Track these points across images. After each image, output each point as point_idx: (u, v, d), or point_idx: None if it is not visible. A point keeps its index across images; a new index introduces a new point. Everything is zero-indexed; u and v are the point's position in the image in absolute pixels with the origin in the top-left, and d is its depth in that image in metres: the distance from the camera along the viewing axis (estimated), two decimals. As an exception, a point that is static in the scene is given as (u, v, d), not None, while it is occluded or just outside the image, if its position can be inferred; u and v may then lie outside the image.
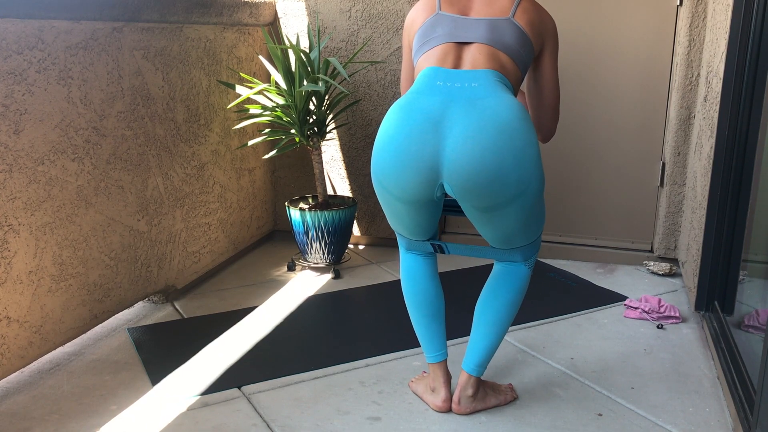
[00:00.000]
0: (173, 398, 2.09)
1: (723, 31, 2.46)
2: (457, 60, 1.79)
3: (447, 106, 1.68)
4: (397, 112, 1.74)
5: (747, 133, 2.32)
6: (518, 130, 1.65)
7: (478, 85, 1.71)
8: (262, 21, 3.35)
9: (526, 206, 1.73)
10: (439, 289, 2.04)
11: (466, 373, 1.98)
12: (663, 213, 3.20)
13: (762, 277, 2.17)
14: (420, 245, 1.98)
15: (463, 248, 1.98)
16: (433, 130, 1.67)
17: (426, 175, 1.69)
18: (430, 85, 1.73)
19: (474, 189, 1.66)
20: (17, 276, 2.07)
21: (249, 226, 3.43)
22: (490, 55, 1.77)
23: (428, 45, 1.83)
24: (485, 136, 1.63)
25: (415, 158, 1.68)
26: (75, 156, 2.27)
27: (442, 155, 1.66)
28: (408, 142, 1.68)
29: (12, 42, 2.00)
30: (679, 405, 2.07)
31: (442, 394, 2.01)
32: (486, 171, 1.64)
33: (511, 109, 1.67)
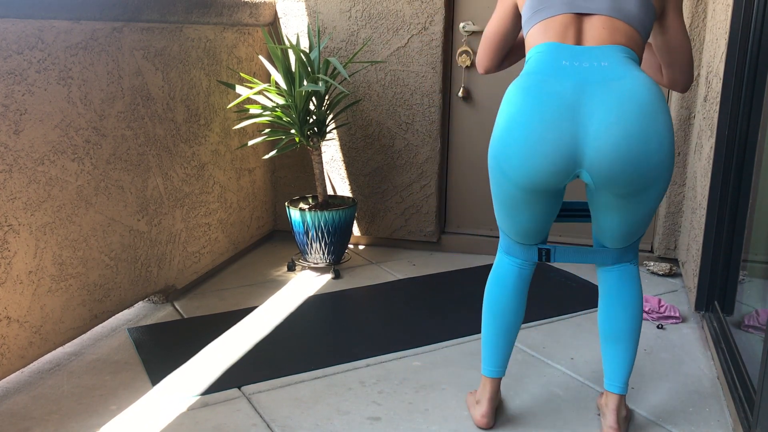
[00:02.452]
0: (173, 398, 2.09)
1: (723, 31, 2.46)
2: (579, 34, 1.66)
3: (582, 90, 1.57)
4: (523, 95, 1.61)
5: (747, 133, 2.32)
6: (659, 112, 1.57)
7: (608, 64, 1.59)
8: (262, 21, 3.35)
9: (662, 189, 1.65)
10: (523, 306, 1.91)
11: (616, 395, 1.86)
12: (663, 213, 3.20)
13: (762, 277, 2.17)
14: (527, 251, 1.84)
15: (573, 253, 1.85)
16: (570, 117, 1.56)
17: (562, 164, 1.59)
18: (555, 66, 1.61)
19: (618, 176, 1.58)
20: (17, 276, 2.07)
21: (249, 226, 3.43)
22: (614, 29, 1.64)
23: (543, 14, 1.69)
24: (629, 120, 1.54)
25: (552, 146, 1.57)
26: (75, 156, 2.27)
27: (583, 144, 1.56)
28: (543, 129, 1.57)
29: (12, 42, 2.00)
30: (679, 405, 2.07)
31: (484, 409, 1.92)
32: (632, 157, 1.55)
33: (649, 90, 1.57)
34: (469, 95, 3.40)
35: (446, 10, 3.25)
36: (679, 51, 1.81)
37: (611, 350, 1.87)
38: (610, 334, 1.86)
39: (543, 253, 1.84)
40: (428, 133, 3.37)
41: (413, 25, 3.27)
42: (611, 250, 1.82)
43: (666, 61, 1.84)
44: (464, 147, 3.46)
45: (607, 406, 1.89)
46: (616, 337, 1.85)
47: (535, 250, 1.84)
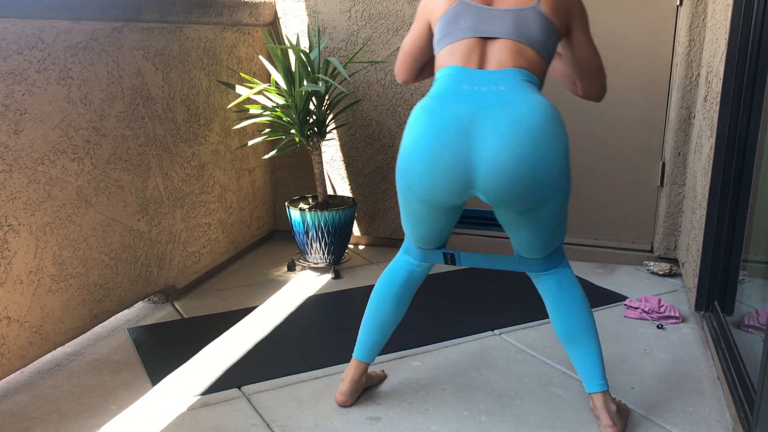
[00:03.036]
0: (173, 398, 2.09)
1: (723, 31, 2.46)
2: (482, 58, 1.75)
3: (477, 115, 1.65)
4: (425, 117, 1.70)
5: (747, 133, 2.32)
6: (551, 134, 1.64)
7: (505, 88, 1.68)
8: (262, 21, 3.35)
9: (559, 205, 1.73)
10: (405, 306, 2.04)
11: (598, 394, 1.89)
12: (663, 213, 3.20)
13: (762, 277, 2.17)
14: (429, 254, 1.95)
15: (483, 259, 1.94)
16: (464, 141, 1.64)
17: (457, 185, 1.68)
18: (456, 89, 1.70)
19: (509, 197, 1.66)
20: (17, 276, 2.07)
21: (249, 226, 3.43)
22: (515, 52, 1.73)
23: (451, 38, 1.78)
24: (519, 145, 1.62)
25: (447, 168, 1.66)
26: (75, 156, 2.27)
27: (476, 166, 1.64)
28: (440, 151, 1.66)
29: (12, 42, 2.00)
30: (679, 405, 2.07)
31: (345, 387, 2.03)
32: (522, 178, 1.63)
33: (542, 113, 1.65)
34: (469, 95, 3.39)
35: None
36: (588, 64, 1.90)
37: (575, 352, 1.92)
38: (566, 338, 1.92)
39: (448, 257, 1.95)
40: (428, 133, 3.36)
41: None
42: (530, 260, 1.89)
43: (577, 74, 1.93)
44: (464, 147, 3.46)
45: (595, 407, 1.92)
46: (573, 340, 1.91)
47: (439, 254, 1.95)
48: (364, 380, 2.08)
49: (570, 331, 1.90)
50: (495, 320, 2.65)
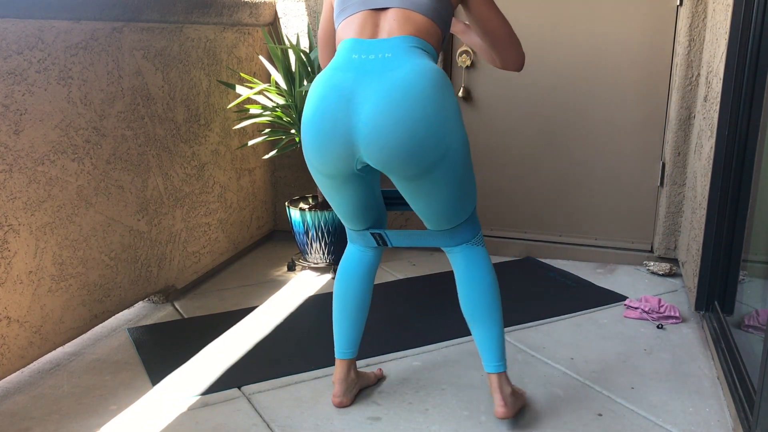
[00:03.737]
0: (173, 398, 2.09)
1: (723, 31, 2.46)
2: (374, 28, 1.76)
3: (359, 81, 1.67)
4: (314, 88, 1.74)
5: (747, 133, 2.32)
6: (430, 97, 1.65)
7: (391, 55, 1.69)
8: (262, 21, 3.35)
9: (452, 169, 1.72)
10: (368, 292, 2.04)
11: (493, 374, 1.92)
12: (663, 213, 3.20)
13: (762, 277, 2.17)
14: (361, 237, 1.97)
15: (406, 237, 1.94)
16: (345, 107, 1.67)
17: (342, 152, 1.70)
18: (346, 60, 1.72)
19: (391, 160, 1.67)
20: (17, 276, 2.07)
21: (249, 226, 3.43)
22: (405, 20, 1.74)
23: (346, 12, 1.81)
24: (395, 108, 1.63)
25: (330, 135, 1.69)
26: (75, 156, 2.27)
27: (355, 131, 1.67)
28: (322, 120, 1.70)
29: (12, 42, 2.00)
30: (679, 405, 2.07)
31: (335, 389, 2.04)
32: (399, 142, 1.64)
33: (422, 76, 1.65)
34: (469, 95, 3.40)
35: (446, 10, 3.25)
36: (496, 34, 1.88)
37: (476, 332, 1.94)
38: (469, 316, 1.93)
39: (377, 238, 1.96)
40: (428, 133, 3.36)
41: (413, 25, 3.26)
42: (438, 233, 1.89)
43: (488, 44, 1.92)
44: (464, 147, 3.46)
45: (491, 388, 1.93)
46: (474, 318, 1.92)
47: (368, 235, 1.95)
48: (354, 376, 2.08)
49: (472, 311, 1.92)
50: (495, 320, 2.64)
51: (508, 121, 3.38)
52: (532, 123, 3.35)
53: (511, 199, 3.46)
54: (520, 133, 3.38)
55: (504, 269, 3.23)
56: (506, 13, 3.26)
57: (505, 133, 3.40)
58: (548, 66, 3.27)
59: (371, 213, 1.93)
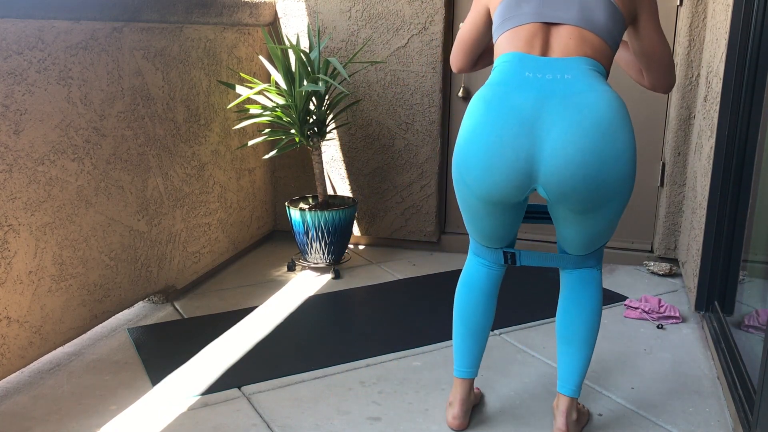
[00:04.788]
0: (173, 398, 2.09)
1: (723, 31, 2.46)
2: (545, 45, 1.64)
3: (541, 104, 1.55)
4: (484, 106, 1.60)
5: (747, 133, 2.32)
6: (619, 129, 1.55)
7: (571, 77, 1.58)
8: (262, 21, 3.35)
9: (620, 206, 1.64)
10: (492, 308, 1.92)
11: (567, 397, 1.84)
12: (663, 213, 3.20)
13: (762, 277, 2.17)
14: (492, 253, 1.85)
15: (537, 257, 1.84)
16: (527, 133, 1.55)
17: (518, 180, 1.58)
18: (518, 77, 1.60)
19: (572, 194, 1.57)
20: (17, 276, 2.07)
21: (249, 226, 3.43)
22: (581, 39, 1.62)
23: (512, 22, 1.68)
24: (586, 138, 1.52)
25: (508, 162, 1.57)
26: (75, 156, 2.27)
27: (539, 160, 1.55)
28: (500, 144, 1.56)
29: (12, 42, 2.00)
30: (679, 405, 2.07)
31: (455, 411, 1.92)
32: (587, 175, 1.54)
33: (610, 105, 1.55)
34: (469, 95, 3.40)
35: (446, 10, 3.25)
36: (657, 56, 1.79)
37: (565, 352, 1.86)
38: (565, 336, 1.86)
39: (508, 257, 1.85)
40: (428, 133, 3.37)
41: (413, 25, 3.27)
42: (572, 256, 1.82)
43: (644, 65, 1.83)
44: (464, 147, 3.46)
45: (557, 408, 1.88)
46: (571, 340, 1.85)
47: (501, 254, 1.85)
48: (473, 397, 1.98)
49: (570, 333, 1.85)
50: (495, 320, 2.64)
51: (508, 121, 3.37)
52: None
53: (511, 199, 3.45)
54: (520, 133, 3.37)
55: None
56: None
57: (505, 133, 3.39)
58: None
59: (512, 234, 1.83)
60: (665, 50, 1.79)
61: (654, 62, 1.80)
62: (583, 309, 1.83)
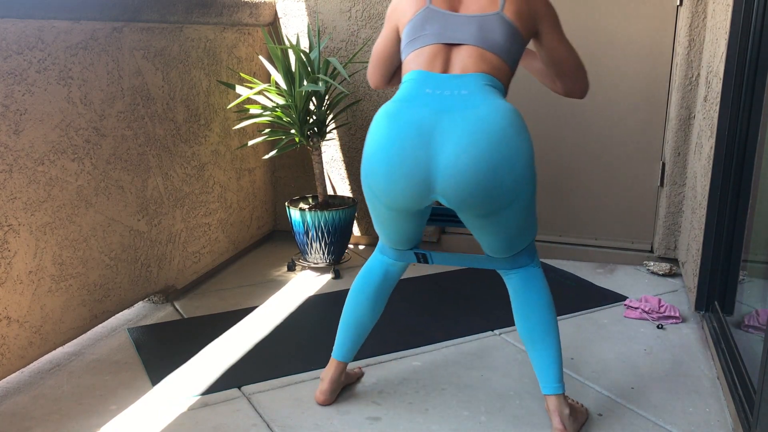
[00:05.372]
0: (173, 398, 2.09)
1: (723, 31, 2.46)
2: (446, 63, 1.76)
3: (438, 118, 1.65)
4: (385, 120, 1.70)
5: (747, 133, 2.32)
6: (512, 138, 1.64)
7: (467, 92, 1.68)
8: (262, 21, 3.35)
9: (522, 209, 1.73)
10: (381, 306, 2.04)
11: (552, 396, 1.88)
12: (663, 213, 3.20)
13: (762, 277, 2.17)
14: (401, 254, 1.97)
15: (454, 258, 1.95)
16: (424, 145, 1.64)
17: (419, 189, 1.68)
18: (418, 93, 1.70)
19: (469, 200, 1.66)
20: (17, 276, 2.07)
21: (249, 226, 3.43)
22: (479, 58, 1.74)
23: (417, 43, 1.79)
24: (478, 148, 1.62)
25: (407, 172, 1.66)
26: (75, 156, 2.27)
27: (435, 170, 1.65)
28: (399, 156, 1.66)
29: (12, 42, 2.00)
30: (679, 405, 2.07)
31: (323, 386, 2.05)
32: (481, 183, 1.63)
33: (503, 117, 1.65)
34: (469, 95, 3.39)
35: (446, 10, 3.25)
36: (564, 64, 1.89)
37: (534, 353, 1.91)
38: (527, 338, 1.91)
39: (420, 257, 1.96)
40: (428, 133, 3.36)
41: (413, 25, 3.27)
42: (496, 259, 1.89)
43: (554, 74, 1.92)
44: (464, 147, 3.46)
45: (548, 409, 1.90)
46: (532, 340, 1.90)
47: (411, 254, 1.96)
48: (343, 379, 2.10)
49: (530, 332, 1.90)
50: (495, 320, 2.65)
51: (508, 121, 3.37)
52: (532, 123, 3.35)
53: (511, 199, 3.45)
54: (520, 133, 3.37)
55: (504, 269, 3.23)
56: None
57: (505, 133, 3.39)
58: (548, 66, 3.26)
59: (419, 236, 1.93)
60: (572, 58, 1.89)
61: (563, 70, 1.90)
62: (534, 309, 1.89)
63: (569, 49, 1.88)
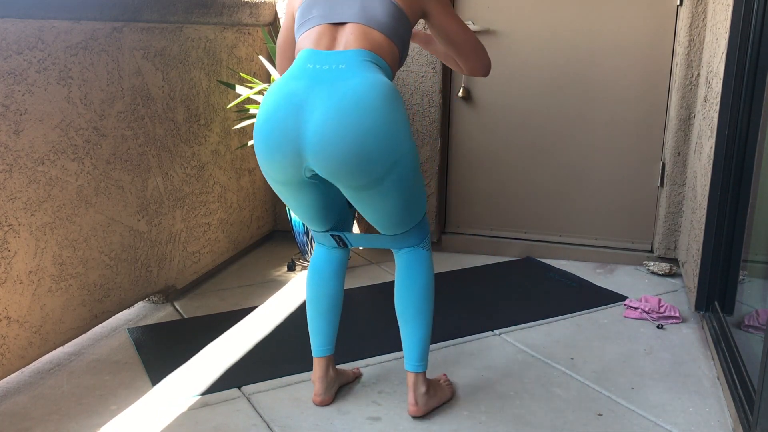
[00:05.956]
0: (173, 398, 2.09)
1: (723, 31, 2.46)
2: (332, 41, 1.80)
3: (311, 90, 1.70)
4: (268, 96, 1.77)
5: (747, 133, 2.32)
6: (379, 109, 1.67)
7: (345, 66, 1.72)
8: (262, 21, 3.35)
9: (401, 181, 1.75)
10: (339, 289, 2.07)
11: (411, 372, 1.96)
12: (663, 213, 3.20)
13: (762, 277, 2.17)
14: (324, 237, 2.00)
15: (361, 239, 1.99)
16: (294, 115, 1.69)
17: (290, 159, 1.72)
18: (301, 69, 1.76)
19: (339, 170, 1.69)
20: (17, 276, 2.07)
21: (249, 226, 3.43)
22: (362, 35, 1.78)
23: (306, 26, 1.85)
24: (344, 117, 1.66)
25: (279, 142, 1.71)
26: (75, 156, 2.27)
27: (303, 139, 1.69)
28: (272, 128, 1.72)
29: (12, 42, 2.00)
30: (679, 405, 2.07)
31: (316, 388, 2.06)
32: (347, 152, 1.66)
33: (373, 88, 1.68)
34: (469, 95, 3.40)
35: (446, 10, 3.25)
36: (459, 43, 1.93)
37: (403, 330, 1.98)
38: (401, 314, 1.97)
39: (337, 239, 2.00)
40: (428, 133, 3.37)
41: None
42: (391, 237, 1.93)
43: (454, 54, 1.97)
44: (464, 147, 3.46)
45: (408, 385, 1.97)
46: (405, 318, 1.97)
47: (330, 237, 2.00)
48: (333, 374, 2.10)
49: (404, 311, 1.96)
50: (495, 320, 2.65)
51: (508, 121, 3.38)
52: (532, 123, 3.35)
53: (511, 199, 3.46)
54: (520, 132, 3.38)
55: (504, 269, 3.23)
56: (506, 12, 3.27)
57: (505, 133, 3.40)
58: (548, 66, 3.27)
59: (331, 216, 1.95)
60: (466, 36, 1.93)
61: (460, 49, 1.94)
62: (412, 288, 1.95)
63: (462, 28, 1.92)
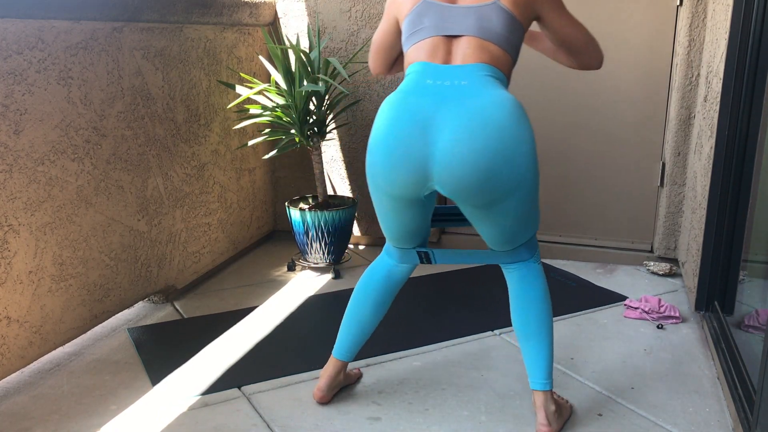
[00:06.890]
0: (173, 398, 2.09)
1: (723, 31, 2.46)
2: (447, 54, 1.77)
3: (437, 108, 1.67)
4: (388, 110, 1.74)
5: (747, 133, 2.32)
6: (509, 129, 1.65)
7: (467, 82, 1.70)
8: (262, 21, 3.35)
9: (523, 200, 1.73)
10: (385, 307, 2.05)
11: (540, 392, 1.90)
12: (663, 213, 3.20)
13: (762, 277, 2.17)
14: (407, 254, 1.97)
15: (455, 255, 1.96)
16: (420, 134, 1.67)
17: (414, 178, 1.70)
18: (419, 84, 1.73)
19: (465, 190, 1.67)
20: (17, 276, 2.07)
21: (249, 226, 3.43)
22: (479, 48, 1.75)
23: (417, 36, 1.81)
24: (475, 138, 1.63)
25: (404, 159, 1.69)
26: (75, 156, 2.27)
27: (431, 159, 1.66)
28: (396, 144, 1.69)
29: (12, 42, 2.00)
30: (679, 405, 2.07)
31: (321, 383, 2.05)
32: (476, 173, 1.64)
33: (501, 107, 1.66)
34: (469, 95, 3.39)
35: (446, 10, 3.25)
36: (575, 42, 1.90)
37: (525, 347, 1.93)
38: (521, 332, 1.93)
39: (422, 256, 1.96)
40: (428, 133, 3.36)
41: (413, 25, 3.27)
42: (499, 252, 1.90)
43: (566, 51, 1.94)
44: (464, 147, 3.46)
45: (535, 405, 1.92)
46: (526, 336, 1.92)
47: (414, 254, 1.96)
48: (341, 378, 2.10)
49: (524, 327, 1.92)
50: (495, 320, 2.65)
51: (508, 121, 3.37)
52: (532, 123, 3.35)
53: (511, 199, 3.45)
54: (520, 133, 3.37)
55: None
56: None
57: (505, 133, 3.39)
58: (548, 66, 3.27)
59: (422, 233, 1.93)
60: (581, 34, 1.89)
61: (574, 46, 1.91)
62: (530, 304, 1.91)
63: (576, 27, 1.88)
